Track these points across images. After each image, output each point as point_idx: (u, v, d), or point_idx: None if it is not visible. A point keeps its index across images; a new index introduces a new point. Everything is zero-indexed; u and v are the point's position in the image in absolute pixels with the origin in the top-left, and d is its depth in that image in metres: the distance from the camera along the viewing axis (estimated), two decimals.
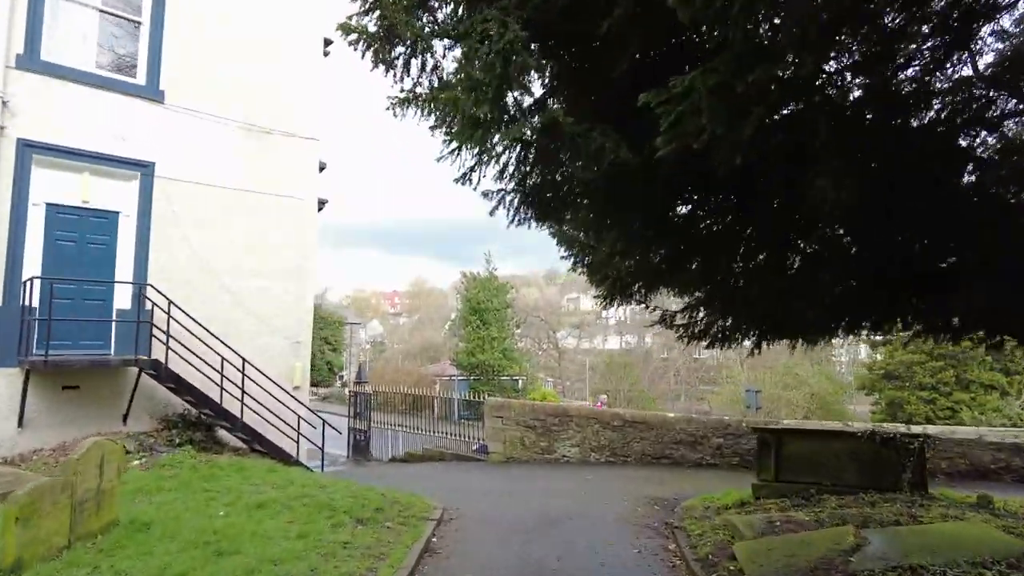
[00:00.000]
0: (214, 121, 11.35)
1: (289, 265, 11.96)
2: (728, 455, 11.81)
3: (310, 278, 12.28)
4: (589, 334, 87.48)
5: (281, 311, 11.81)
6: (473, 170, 3.97)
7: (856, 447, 7.73)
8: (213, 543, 5.84)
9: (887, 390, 24.22)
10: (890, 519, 6.19)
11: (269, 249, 11.76)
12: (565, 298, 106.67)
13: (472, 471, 13.17)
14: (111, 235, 10.24)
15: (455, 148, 3.85)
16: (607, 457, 12.96)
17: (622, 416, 12.88)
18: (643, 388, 36.73)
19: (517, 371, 29.86)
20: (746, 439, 11.69)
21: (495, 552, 6.63)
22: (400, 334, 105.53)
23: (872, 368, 25.84)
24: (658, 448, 12.44)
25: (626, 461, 12.73)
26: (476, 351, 29.00)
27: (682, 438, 12.22)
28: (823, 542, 5.37)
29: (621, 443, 12.80)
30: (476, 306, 29.59)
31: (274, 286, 11.75)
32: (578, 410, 13.55)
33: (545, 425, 13.75)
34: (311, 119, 12.55)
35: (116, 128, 10.25)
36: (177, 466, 8.99)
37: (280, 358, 11.74)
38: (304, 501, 7.82)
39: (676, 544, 6.68)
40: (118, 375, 9.98)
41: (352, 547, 6.20)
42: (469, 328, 29.97)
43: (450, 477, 12.51)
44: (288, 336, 11.89)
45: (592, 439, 13.14)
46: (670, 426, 12.36)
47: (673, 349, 76.13)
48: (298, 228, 12.13)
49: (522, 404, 14.34)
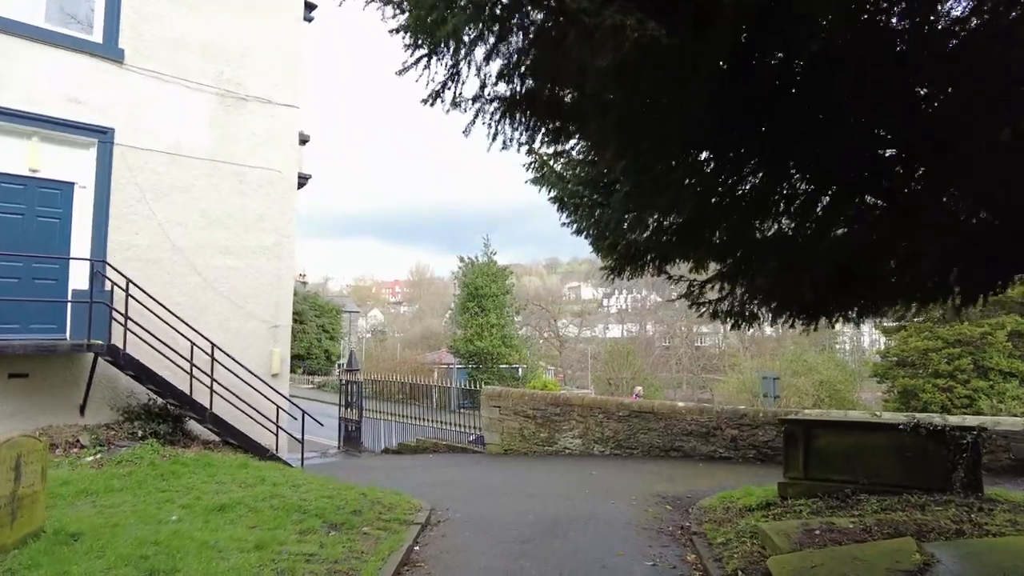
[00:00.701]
0: (182, 85, 10.35)
1: (266, 242, 10.99)
2: (743, 447, 10.89)
3: (289, 257, 11.31)
4: (590, 323, 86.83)
5: (257, 293, 10.86)
6: (446, 86, 3.02)
7: (898, 441, 6.79)
8: (149, 559, 4.92)
9: (900, 378, 23.30)
10: (950, 527, 5.26)
11: (243, 226, 10.79)
12: (566, 287, 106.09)
13: (467, 464, 12.28)
14: (65, 208, 9.27)
15: (424, 51, 2.90)
16: (612, 449, 12.04)
17: (628, 406, 11.96)
18: (646, 376, 35.78)
19: (517, 359, 28.92)
20: (763, 430, 10.76)
21: (486, 565, 5.71)
22: (401, 323, 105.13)
23: (886, 355, 24.89)
24: (667, 440, 11.52)
25: (632, 454, 11.82)
26: (474, 338, 28.03)
27: (693, 429, 11.30)
28: (879, 559, 4.44)
29: (627, 435, 11.88)
30: (474, 292, 28.57)
31: (249, 265, 10.79)
32: (580, 399, 12.62)
33: (545, 415, 12.84)
34: (290, 86, 11.54)
35: (69, 90, 9.25)
36: (136, 462, 8.08)
37: (256, 344, 10.80)
38: (273, 503, 6.91)
39: (696, 555, 5.76)
40: (73, 362, 9.05)
41: (317, 560, 5.28)
42: (467, 314, 28.99)
43: (443, 471, 11.61)
44: (265, 320, 10.94)
45: (595, 430, 12.23)
46: (680, 416, 11.44)
47: (675, 337, 75.54)
48: (275, 203, 11.15)
49: (521, 393, 13.43)
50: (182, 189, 10.28)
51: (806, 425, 7.29)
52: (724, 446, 11.07)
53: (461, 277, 29.89)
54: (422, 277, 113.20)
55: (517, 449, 13.19)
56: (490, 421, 13.71)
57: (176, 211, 10.19)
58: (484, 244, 29.78)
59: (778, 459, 10.43)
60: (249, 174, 10.91)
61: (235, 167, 10.78)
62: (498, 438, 13.54)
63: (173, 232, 10.14)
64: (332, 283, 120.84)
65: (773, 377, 17.32)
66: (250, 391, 10.19)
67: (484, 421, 13.90)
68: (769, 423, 10.69)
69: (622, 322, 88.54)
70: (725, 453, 11.05)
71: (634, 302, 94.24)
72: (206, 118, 10.59)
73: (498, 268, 29.39)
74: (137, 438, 8.89)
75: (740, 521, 6.46)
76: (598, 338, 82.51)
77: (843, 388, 27.23)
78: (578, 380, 62.30)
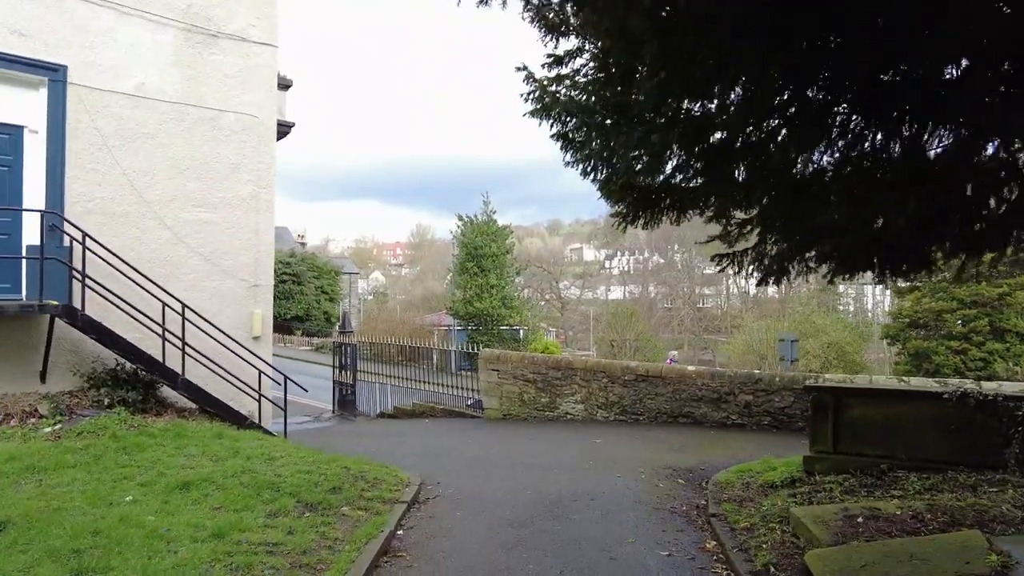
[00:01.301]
0: (144, 19, 9.33)
1: (242, 194, 10.11)
2: (758, 414, 10.20)
3: (268, 210, 10.44)
4: (592, 284, 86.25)
5: (234, 248, 10.03)
6: None
7: (941, 412, 6.03)
8: (82, 553, 4.22)
9: (913, 340, 22.57)
10: (1015, 515, 4.53)
11: (217, 176, 9.90)
12: (568, 248, 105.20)
13: (463, 430, 11.64)
14: (15, 155, 8.38)
15: None
16: (616, 415, 11.38)
17: (634, 370, 11.23)
18: (649, 337, 35.12)
19: (518, 320, 28.20)
20: (779, 396, 10.05)
21: (477, 556, 5.02)
22: (402, 284, 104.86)
23: (898, 316, 24.13)
24: (676, 406, 10.83)
25: (638, 420, 11.16)
26: (474, 299, 27.23)
27: (704, 395, 10.60)
28: (944, 559, 3.71)
29: (632, 400, 11.20)
30: (473, 251, 27.64)
31: (224, 219, 9.94)
32: (583, 363, 11.91)
33: (546, 379, 12.14)
34: (268, 23, 10.49)
35: (13, 22, 8.26)
36: (98, 433, 7.37)
37: (235, 305, 10.03)
38: (243, 479, 6.22)
39: (717, 541, 5.06)
40: (31, 324, 8.28)
41: (282, 551, 4.59)
42: (466, 275, 28.13)
43: (437, 438, 10.97)
44: (244, 279, 10.15)
45: (599, 395, 11.54)
46: (690, 381, 10.72)
47: (677, 299, 74.95)
48: (252, 151, 10.23)
49: (520, 356, 12.71)
50: (148, 135, 9.36)
51: (837, 393, 6.54)
52: (737, 413, 10.38)
53: (460, 237, 28.96)
54: (423, 239, 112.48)
55: (516, 414, 12.55)
56: (489, 385, 13.04)
57: (142, 159, 9.28)
58: (484, 202, 28.78)
59: (794, 427, 9.76)
60: (222, 119, 9.96)
61: (207, 111, 9.83)
62: (497, 403, 12.90)
63: (139, 182, 9.25)
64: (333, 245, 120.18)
65: (791, 339, 16.39)
66: (228, 355, 9.46)
67: (483, 385, 13.23)
68: (786, 388, 9.98)
69: (624, 284, 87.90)
70: (738, 420, 10.37)
71: (636, 263, 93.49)
72: (173, 57, 9.59)
73: (498, 227, 28.38)
74: (103, 406, 8.18)
75: (764, 501, 5.76)
76: (600, 300, 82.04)
77: (851, 350, 26.55)
78: (579, 342, 61.89)
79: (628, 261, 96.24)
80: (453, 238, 28.70)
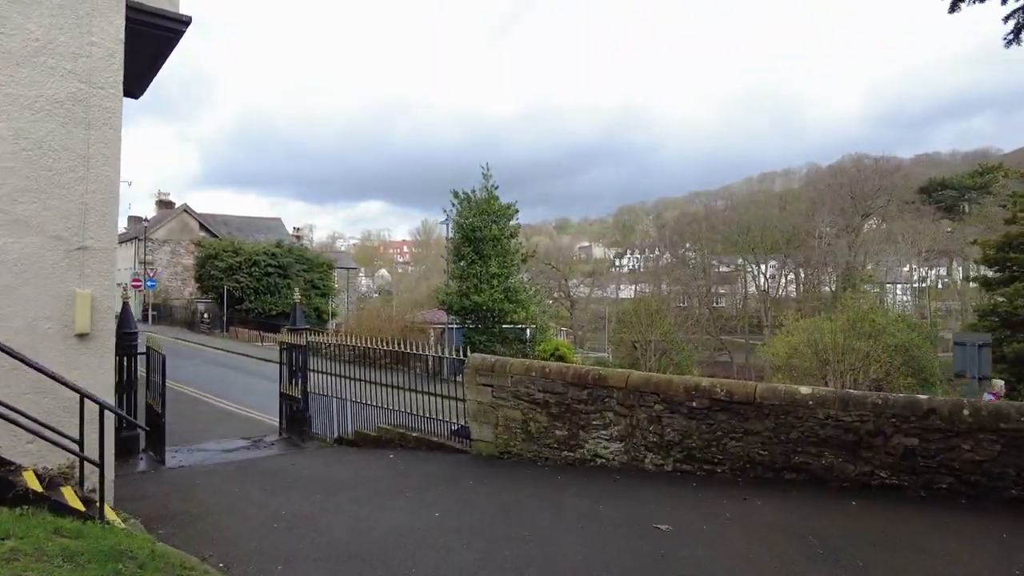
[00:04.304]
0: None
1: (58, 93, 5.96)
2: (928, 470, 5.96)
3: (107, 125, 6.25)
4: (601, 283, 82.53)
5: (40, 185, 5.88)
6: None
7: None
8: None
9: (1015, 343, 18.15)
10: None
11: (7, 58, 5.75)
12: (577, 246, 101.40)
13: (433, 486, 7.46)
14: None
15: None
16: (677, 463, 7.17)
17: (707, 392, 6.99)
18: (675, 339, 30.75)
19: (524, 317, 23.81)
20: (970, 441, 5.80)
21: None
22: (408, 282, 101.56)
23: (987, 312, 19.72)
24: (779, 451, 6.61)
25: (714, 473, 6.94)
26: (471, 291, 22.79)
27: (830, 434, 6.36)
28: None
29: (705, 439, 6.98)
30: (470, 234, 23.11)
31: (20, 133, 5.79)
32: (621, 378, 7.67)
33: (564, 401, 7.95)
34: None
35: None
36: None
37: (39, 279, 5.87)
38: None
39: None
40: None
41: None
42: (463, 262, 23.67)
43: (389, 502, 6.82)
44: (59, 235, 5.98)
45: (648, 429, 7.33)
46: (804, 412, 6.49)
47: (692, 297, 70.74)
48: (78, 22, 6.07)
49: (525, 366, 8.50)
50: None
51: None
52: (889, 466, 6.13)
53: (455, 217, 24.42)
54: (429, 237, 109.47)
55: (519, 452, 8.37)
56: (479, 407, 8.87)
57: None
58: (483, 175, 24.24)
59: (1006, 496, 5.53)
60: None
61: None
62: (490, 433, 8.73)
63: None
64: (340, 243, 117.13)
65: (979, 342, 11.28)
66: (16, 373, 5.32)
67: (471, 407, 9.06)
68: (986, 429, 5.72)
69: (635, 282, 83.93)
70: (891, 479, 6.12)
71: (647, 261, 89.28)
72: None
73: (500, 205, 23.73)
74: None
75: None
76: (610, 299, 78.14)
77: (920, 355, 22.15)
78: (591, 342, 57.71)
79: (639, 259, 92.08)
80: (447, 217, 24.47)
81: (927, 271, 69.20)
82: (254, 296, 44.34)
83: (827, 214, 69.61)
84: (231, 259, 44.22)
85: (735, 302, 75.30)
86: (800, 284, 75.46)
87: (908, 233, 63.73)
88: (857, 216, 68.40)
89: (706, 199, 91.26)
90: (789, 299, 72.25)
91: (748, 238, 62.40)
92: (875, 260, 64.72)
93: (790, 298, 72.54)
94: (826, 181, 75.61)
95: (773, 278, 72.72)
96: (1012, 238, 18.72)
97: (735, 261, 72.71)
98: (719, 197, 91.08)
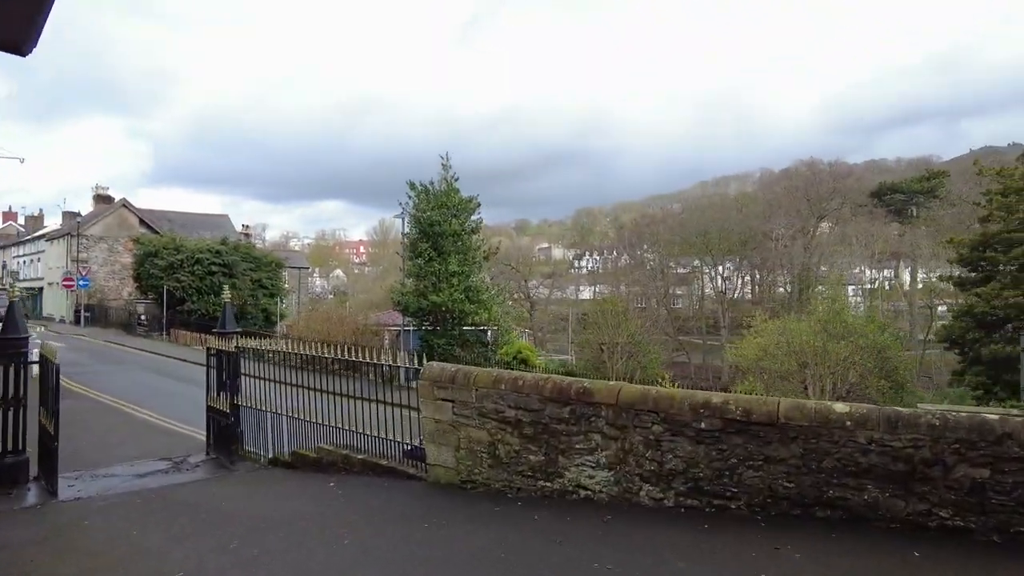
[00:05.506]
0: None
1: None
2: (1005, 508, 4.79)
3: None
4: (561, 284, 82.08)
5: None
6: None
7: None
8: None
9: (991, 343, 17.59)
10: None
11: None
12: (536, 248, 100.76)
13: (378, 525, 5.97)
14: None
15: None
16: (680, 497, 5.86)
17: (719, 409, 5.69)
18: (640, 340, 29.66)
19: (486, 318, 22.30)
20: None
21: None
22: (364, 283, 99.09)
23: (962, 313, 19.15)
24: (808, 482, 5.36)
25: (727, 509, 5.65)
26: (428, 291, 21.12)
27: (872, 461, 5.14)
28: None
29: (716, 468, 5.69)
30: (428, 229, 21.41)
31: None
32: (610, 392, 6.31)
33: (540, 420, 6.56)
34: None
35: None
36: None
37: None
38: None
39: None
40: None
41: None
42: (420, 259, 21.97)
43: (314, 549, 5.32)
44: None
45: (645, 455, 6.00)
46: (840, 435, 5.25)
47: (651, 299, 70.62)
48: None
49: (494, 376, 7.07)
50: None
51: None
52: (951, 503, 4.93)
53: (412, 210, 22.63)
54: (387, 236, 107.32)
55: (485, 480, 6.95)
56: (438, 427, 7.41)
57: None
58: (443, 166, 22.57)
59: None
60: None
61: None
62: (451, 457, 7.28)
63: None
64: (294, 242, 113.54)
65: None
66: None
67: (427, 425, 7.58)
68: None
69: (594, 284, 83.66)
70: (954, 519, 4.93)
71: (605, 262, 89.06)
72: None
73: (461, 198, 22.12)
74: None
75: None
76: (570, 299, 77.58)
77: (893, 356, 21.57)
78: (552, 344, 56.63)
79: (598, 260, 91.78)
80: (402, 210, 22.67)
81: (878, 273, 70.71)
82: (197, 296, 41.72)
83: (783, 216, 70.44)
84: (172, 257, 41.51)
85: (692, 303, 75.62)
86: (756, 285, 76.32)
87: (861, 236, 64.79)
88: (812, 219, 69.38)
89: (663, 202, 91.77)
90: (745, 300, 72.85)
91: (705, 240, 62.46)
92: (829, 262, 65.67)
93: (746, 300, 73.17)
94: (782, 184, 76.62)
95: (729, 279, 73.32)
96: (989, 236, 18.21)
97: (692, 263, 73.09)
98: (675, 200, 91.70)
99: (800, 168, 75.86)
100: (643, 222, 78.79)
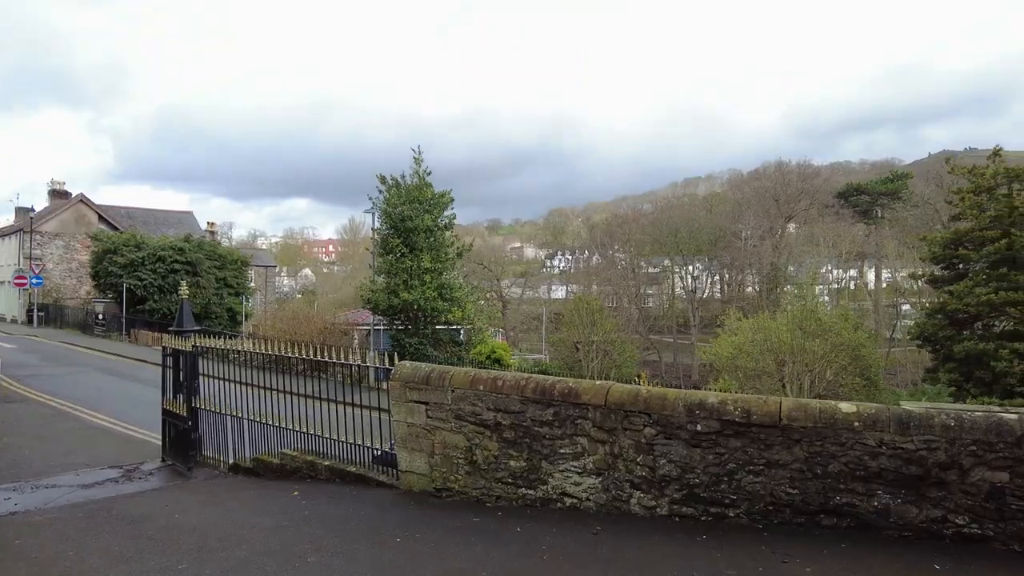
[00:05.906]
0: None
1: None
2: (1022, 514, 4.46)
3: None
4: (533, 284, 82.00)
5: None
6: None
7: None
8: None
9: (964, 341, 17.64)
10: None
11: None
12: (509, 247, 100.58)
13: (346, 541, 5.42)
14: None
15: None
16: (675, 504, 5.43)
17: (716, 410, 5.28)
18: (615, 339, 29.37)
19: (459, 317, 21.70)
20: None
21: None
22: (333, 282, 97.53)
23: (935, 312, 19.21)
24: (813, 487, 4.98)
25: (724, 517, 5.24)
26: (400, 288, 20.44)
27: (883, 465, 4.78)
28: None
29: (713, 473, 5.27)
30: (399, 224, 20.73)
31: None
32: (597, 392, 5.86)
33: (522, 423, 6.08)
34: None
35: None
36: None
37: None
38: None
39: None
40: None
41: None
42: (391, 256, 21.26)
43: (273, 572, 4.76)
44: None
45: (636, 460, 5.57)
46: (847, 436, 4.87)
47: (622, 297, 70.82)
48: None
49: (472, 377, 6.56)
50: None
51: None
52: (967, 509, 4.59)
53: (382, 205, 21.92)
54: (356, 235, 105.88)
55: (462, 488, 6.45)
56: (410, 431, 6.88)
57: None
58: (415, 159, 21.94)
59: None
60: None
61: None
62: (424, 463, 6.76)
63: None
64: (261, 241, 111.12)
65: None
66: None
67: (399, 429, 7.04)
68: None
69: (566, 283, 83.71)
70: (970, 526, 4.58)
71: (577, 262, 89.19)
72: None
73: (434, 193, 21.47)
74: None
75: None
76: (542, 298, 77.47)
77: (867, 354, 21.60)
78: (525, 343, 56.24)
79: (570, 260, 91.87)
80: (372, 205, 21.96)
81: (844, 273, 71.87)
82: (158, 295, 40.21)
83: (752, 217, 71.19)
84: (132, 254, 39.89)
85: (663, 302, 76.07)
86: (725, 285, 77.11)
87: (829, 236, 65.74)
88: (780, 219, 70.24)
89: (633, 202, 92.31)
90: (715, 300, 73.55)
91: (675, 240, 62.78)
92: (798, 262, 66.56)
93: (716, 299, 73.88)
94: (750, 185, 77.51)
95: (699, 279, 73.93)
96: (961, 234, 18.33)
97: (662, 262, 73.55)
98: (646, 201, 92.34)
99: (768, 169, 76.87)
100: (614, 222, 79.06)
